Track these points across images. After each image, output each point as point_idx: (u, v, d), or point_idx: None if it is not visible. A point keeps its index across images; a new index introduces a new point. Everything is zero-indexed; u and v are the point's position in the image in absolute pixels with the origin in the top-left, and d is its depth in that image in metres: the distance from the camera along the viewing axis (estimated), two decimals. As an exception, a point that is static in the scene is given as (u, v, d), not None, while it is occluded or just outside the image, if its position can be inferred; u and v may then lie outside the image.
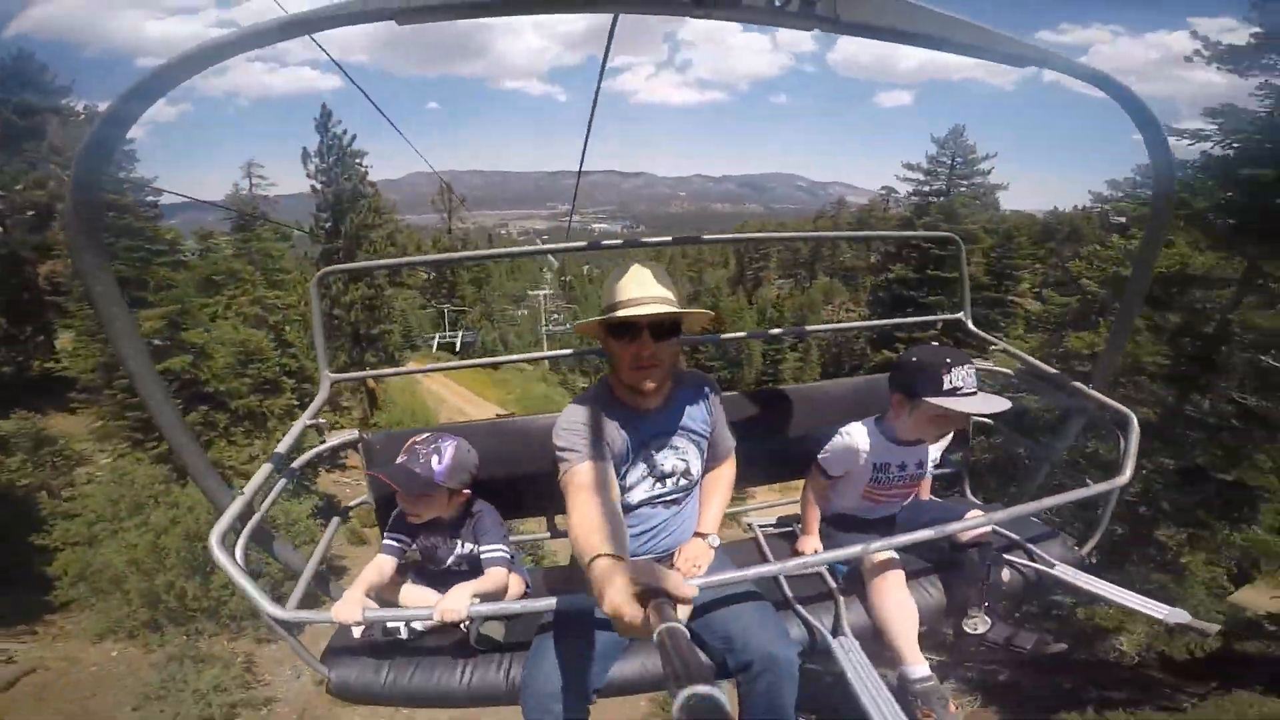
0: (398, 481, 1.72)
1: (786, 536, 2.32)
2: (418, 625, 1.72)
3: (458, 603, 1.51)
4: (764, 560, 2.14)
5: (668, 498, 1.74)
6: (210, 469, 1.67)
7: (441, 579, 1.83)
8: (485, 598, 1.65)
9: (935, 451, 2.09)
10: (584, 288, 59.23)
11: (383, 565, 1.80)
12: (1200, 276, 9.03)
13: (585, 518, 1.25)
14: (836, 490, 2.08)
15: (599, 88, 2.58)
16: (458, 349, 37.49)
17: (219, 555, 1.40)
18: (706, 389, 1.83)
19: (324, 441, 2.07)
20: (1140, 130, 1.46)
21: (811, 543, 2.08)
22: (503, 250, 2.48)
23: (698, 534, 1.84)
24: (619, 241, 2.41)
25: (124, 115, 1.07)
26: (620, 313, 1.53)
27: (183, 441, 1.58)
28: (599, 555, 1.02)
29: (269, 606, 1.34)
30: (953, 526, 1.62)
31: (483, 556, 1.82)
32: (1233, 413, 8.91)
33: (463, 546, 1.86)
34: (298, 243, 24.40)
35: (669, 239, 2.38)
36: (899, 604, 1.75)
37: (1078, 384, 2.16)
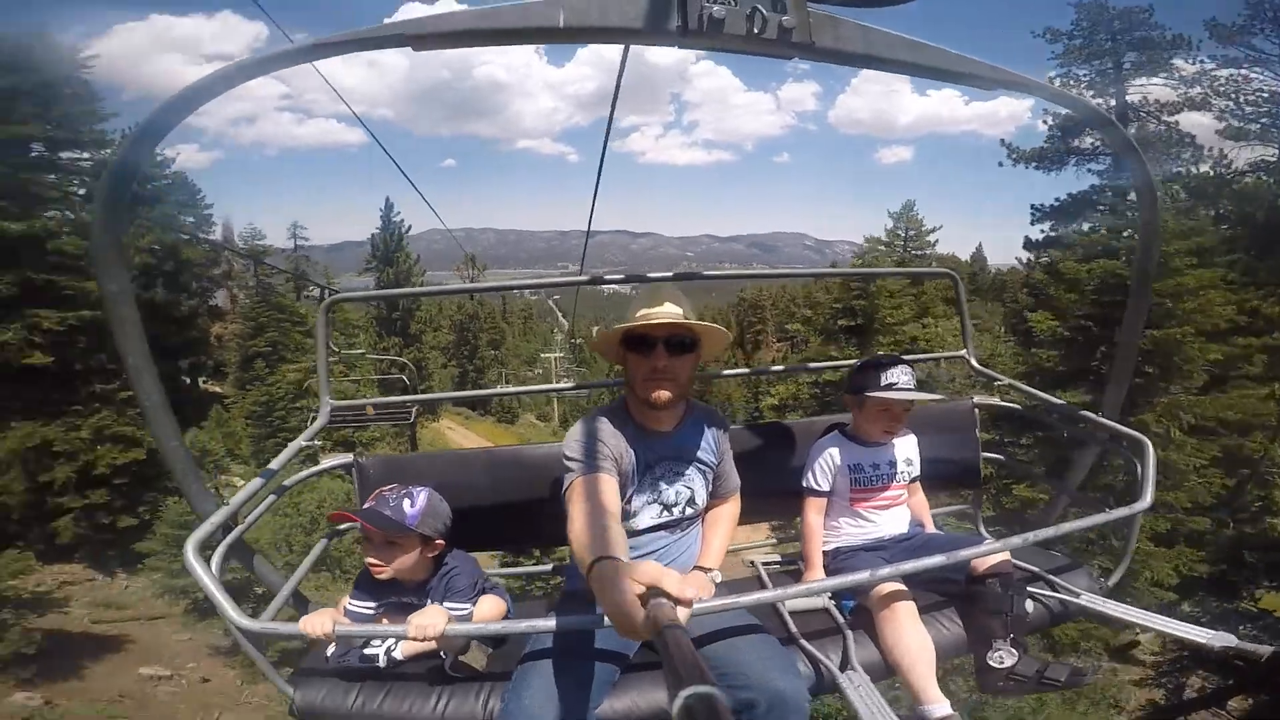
0: (368, 520, 1.64)
1: (790, 573, 2.25)
2: (397, 654, 1.63)
3: (435, 618, 1.40)
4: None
5: (671, 525, 1.73)
6: (197, 475, 1.68)
7: None
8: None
9: (906, 453, 2.12)
10: (591, 351, 61.67)
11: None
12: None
13: (586, 523, 1.24)
14: (831, 512, 2.09)
15: (609, 128, 2.44)
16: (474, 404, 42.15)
17: (192, 561, 1.36)
18: (717, 422, 1.85)
19: (318, 464, 2.07)
20: (1123, 156, 1.57)
21: (815, 576, 2.02)
22: (516, 283, 3.15)
23: (699, 567, 1.80)
24: (620, 275, 2.50)
25: (151, 134, 1.14)
26: (637, 323, 1.60)
27: (173, 445, 1.61)
28: (600, 558, 1.00)
29: (237, 617, 1.29)
30: (965, 553, 1.61)
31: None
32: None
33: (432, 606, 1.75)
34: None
35: (669, 274, 2.33)
36: (912, 638, 1.67)
37: (1088, 413, 2.15)
